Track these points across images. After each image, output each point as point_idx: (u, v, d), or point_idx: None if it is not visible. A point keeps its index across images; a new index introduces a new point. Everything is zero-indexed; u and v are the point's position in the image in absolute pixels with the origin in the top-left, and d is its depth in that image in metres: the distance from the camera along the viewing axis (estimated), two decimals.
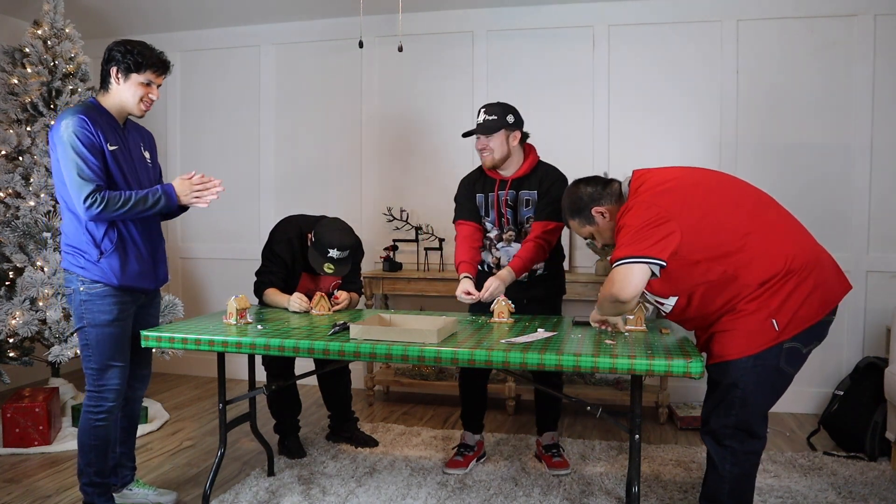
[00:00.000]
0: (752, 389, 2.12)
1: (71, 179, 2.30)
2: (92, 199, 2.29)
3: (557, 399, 3.10)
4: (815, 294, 2.11)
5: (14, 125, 3.59)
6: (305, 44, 4.56)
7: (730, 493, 2.19)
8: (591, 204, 2.37)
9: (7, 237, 3.47)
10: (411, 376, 4.19)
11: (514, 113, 2.92)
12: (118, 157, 2.41)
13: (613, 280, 2.12)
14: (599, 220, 2.37)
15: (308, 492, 2.83)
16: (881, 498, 2.75)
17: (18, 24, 4.38)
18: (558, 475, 2.99)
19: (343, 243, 2.97)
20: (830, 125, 3.86)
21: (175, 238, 4.85)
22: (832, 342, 3.05)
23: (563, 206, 2.48)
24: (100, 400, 2.44)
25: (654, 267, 2.09)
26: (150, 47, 2.46)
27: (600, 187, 2.38)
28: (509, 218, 2.96)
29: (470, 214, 3.02)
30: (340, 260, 2.98)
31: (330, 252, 2.95)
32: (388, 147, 4.48)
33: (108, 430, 2.48)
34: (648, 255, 2.07)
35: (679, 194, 2.17)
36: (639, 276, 2.08)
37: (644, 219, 2.11)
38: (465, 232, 2.99)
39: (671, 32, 4.03)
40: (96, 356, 2.43)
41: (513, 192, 2.94)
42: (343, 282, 3.23)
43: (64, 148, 2.31)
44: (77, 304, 2.43)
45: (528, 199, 2.93)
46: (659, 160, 3.98)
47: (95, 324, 2.41)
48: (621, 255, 2.11)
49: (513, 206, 2.95)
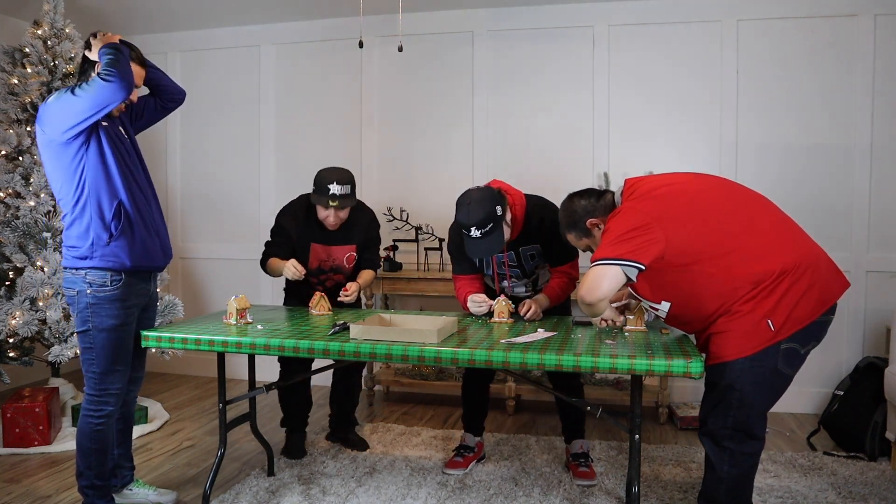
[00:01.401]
0: (750, 391, 2.12)
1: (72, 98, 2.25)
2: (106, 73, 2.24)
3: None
4: (811, 293, 2.11)
5: (14, 125, 3.59)
6: (305, 44, 4.56)
7: (727, 494, 2.19)
8: (586, 217, 2.40)
9: (7, 237, 3.47)
10: (411, 376, 4.19)
11: (496, 200, 2.64)
12: (111, 135, 2.39)
13: (584, 282, 2.16)
14: (595, 232, 2.40)
15: (308, 492, 2.83)
16: (881, 498, 2.75)
17: (18, 24, 4.38)
18: (582, 485, 2.89)
19: (342, 177, 2.97)
20: (830, 125, 3.87)
21: (175, 238, 4.85)
22: (832, 342, 3.05)
23: (559, 220, 2.52)
24: (101, 404, 2.42)
25: (632, 271, 2.10)
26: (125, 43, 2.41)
27: (594, 199, 2.42)
28: (512, 274, 2.91)
29: (468, 269, 2.92)
30: (343, 196, 2.96)
31: (331, 188, 2.94)
32: (388, 147, 4.48)
33: (108, 434, 2.46)
34: (625, 259, 2.09)
35: (666, 201, 2.19)
36: (610, 279, 2.11)
37: (629, 224, 2.13)
38: (462, 282, 2.93)
39: (671, 32, 4.03)
40: (100, 360, 2.40)
41: (512, 254, 2.86)
42: (360, 255, 3.19)
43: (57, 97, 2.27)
44: (82, 306, 2.38)
45: (532, 253, 2.86)
46: (659, 160, 4.01)
47: (102, 328, 2.38)
48: (598, 257, 2.15)
49: (514, 264, 2.88)
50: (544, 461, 3.18)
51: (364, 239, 3.18)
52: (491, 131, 4.30)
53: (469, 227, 2.62)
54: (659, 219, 2.12)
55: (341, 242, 3.13)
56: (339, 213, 3.01)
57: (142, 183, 2.50)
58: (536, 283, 2.98)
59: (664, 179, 2.32)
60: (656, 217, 2.12)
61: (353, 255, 3.18)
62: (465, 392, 3.17)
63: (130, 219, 2.41)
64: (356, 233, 3.15)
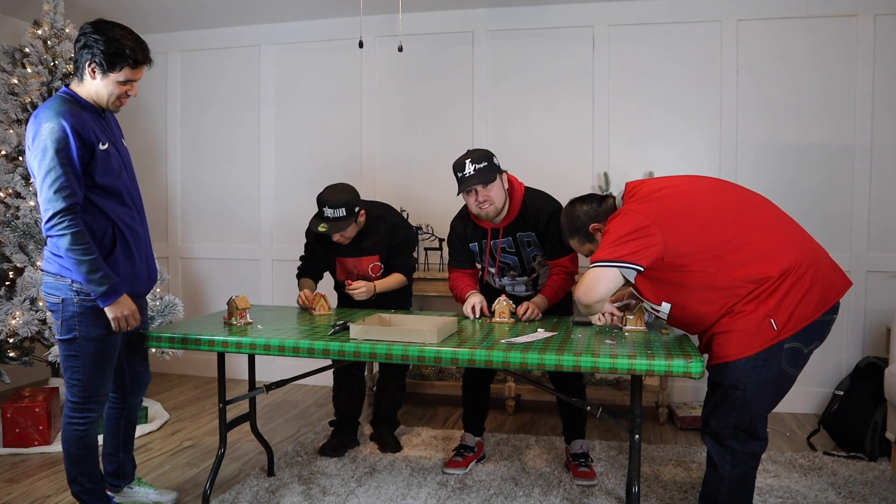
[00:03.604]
0: (754, 390, 2.13)
1: (45, 185, 2.13)
2: (59, 220, 2.13)
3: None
4: (813, 292, 2.11)
5: (14, 125, 3.59)
6: (305, 44, 4.56)
7: (729, 494, 2.19)
8: (589, 222, 2.42)
9: (7, 237, 3.47)
10: (411, 376, 4.18)
11: (493, 155, 2.78)
12: (110, 156, 2.27)
13: (582, 283, 2.17)
14: (598, 236, 2.41)
15: (308, 492, 2.83)
16: (881, 498, 2.75)
17: (18, 24, 4.38)
18: (582, 485, 2.89)
19: (335, 201, 2.92)
20: (830, 125, 3.86)
21: (175, 238, 4.85)
22: (832, 342, 3.05)
23: (562, 227, 2.54)
24: (84, 411, 2.35)
25: (630, 272, 2.12)
26: (128, 36, 2.24)
27: (596, 204, 2.44)
28: (510, 263, 2.91)
29: (465, 263, 2.97)
30: (336, 219, 2.93)
31: (324, 211, 2.94)
32: (388, 147, 4.47)
33: (94, 436, 2.40)
34: (623, 261, 2.10)
35: (666, 203, 2.20)
36: (607, 280, 2.14)
37: (629, 227, 2.15)
38: (457, 274, 2.97)
39: (671, 32, 4.03)
40: (85, 368, 2.31)
41: (508, 239, 2.86)
42: (388, 262, 3.16)
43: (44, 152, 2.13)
44: (68, 315, 2.27)
45: (528, 240, 2.86)
46: (659, 160, 4.01)
47: (90, 337, 2.29)
48: (596, 259, 2.17)
49: (512, 251, 2.88)
50: (544, 461, 3.18)
51: (388, 247, 3.14)
52: (491, 131, 4.30)
53: (464, 160, 2.71)
54: (658, 221, 2.13)
55: (362, 254, 3.14)
56: (342, 235, 3.03)
57: (136, 200, 2.42)
58: (537, 283, 2.98)
59: (664, 182, 2.33)
60: (656, 219, 2.13)
61: (377, 266, 3.16)
62: (465, 392, 3.17)
63: (119, 245, 2.31)
64: (376, 243, 3.13)
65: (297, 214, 4.63)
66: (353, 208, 2.98)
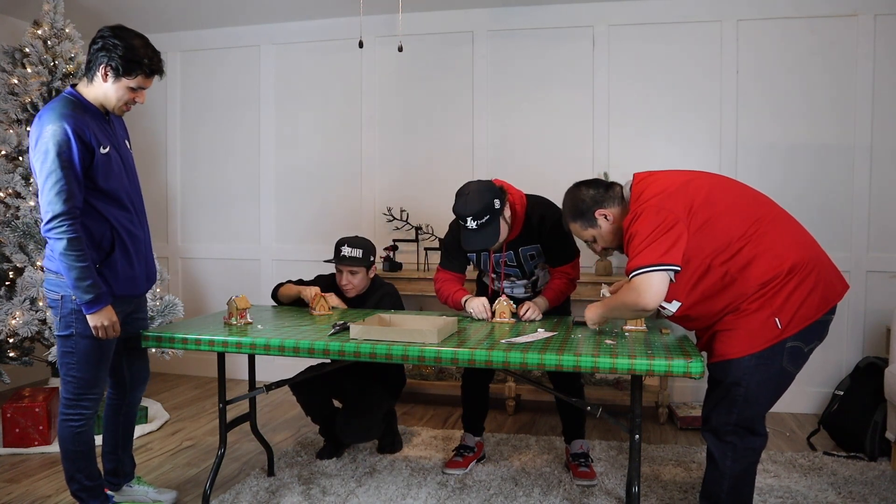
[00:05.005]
0: (756, 388, 2.13)
1: (46, 188, 2.15)
2: (59, 223, 2.15)
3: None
4: (816, 292, 2.12)
5: (14, 125, 3.59)
6: (305, 44, 4.56)
7: (729, 491, 2.19)
8: (595, 207, 2.35)
9: (7, 237, 3.47)
10: (411, 376, 4.18)
11: (495, 193, 2.64)
12: (111, 160, 2.29)
13: (635, 289, 2.10)
14: (602, 222, 2.35)
15: (308, 492, 2.83)
16: (881, 498, 2.75)
17: (18, 24, 4.38)
18: (582, 485, 2.89)
19: (354, 242, 3.11)
20: (830, 125, 3.86)
21: (175, 238, 4.85)
22: (832, 342, 3.05)
23: (563, 209, 2.46)
24: (80, 408, 2.36)
25: (672, 273, 2.09)
26: (146, 46, 2.30)
27: (602, 190, 2.36)
28: (511, 274, 2.91)
29: (457, 267, 2.95)
30: (352, 258, 3.08)
31: (342, 250, 3.09)
32: (388, 147, 4.47)
33: (91, 434, 2.42)
34: (664, 263, 2.06)
35: (684, 198, 2.16)
36: (659, 283, 2.07)
37: (654, 224, 2.10)
38: (447, 276, 2.94)
39: (671, 32, 4.03)
40: (81, 365, 2.33)
41: (511, 254, 2.85)
42: None
43: (46, 155, 2.15)
44: (66, 311, 2.30)
45: (532, 254, 2.85)
46: (659, 160, 4.00)
47: (85, 335, 2.30)
48: (638, 265, 2.09)
49: (514, 264, 2.88)
50: (544, 461, 3.18)
51: (374, 306, 3.17)
52: (491, 131, 4.30)
53: (465, 216, 2.63)
54: (682, 217, 2.11)
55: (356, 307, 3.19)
56: (352, 277, 3.10)
57: (136, 203, 2.43)
58: (536, 285, 2.98)
59: (675, 176, 2.27)
60: (680, 215, 2.11)
61: None
62: (464, 392, 3.16)
63: (118, 248, 2.33)
64: (370, 302, 3.18)
65: (297, 214, 4.64)
66: (369, 254, 3.13)
